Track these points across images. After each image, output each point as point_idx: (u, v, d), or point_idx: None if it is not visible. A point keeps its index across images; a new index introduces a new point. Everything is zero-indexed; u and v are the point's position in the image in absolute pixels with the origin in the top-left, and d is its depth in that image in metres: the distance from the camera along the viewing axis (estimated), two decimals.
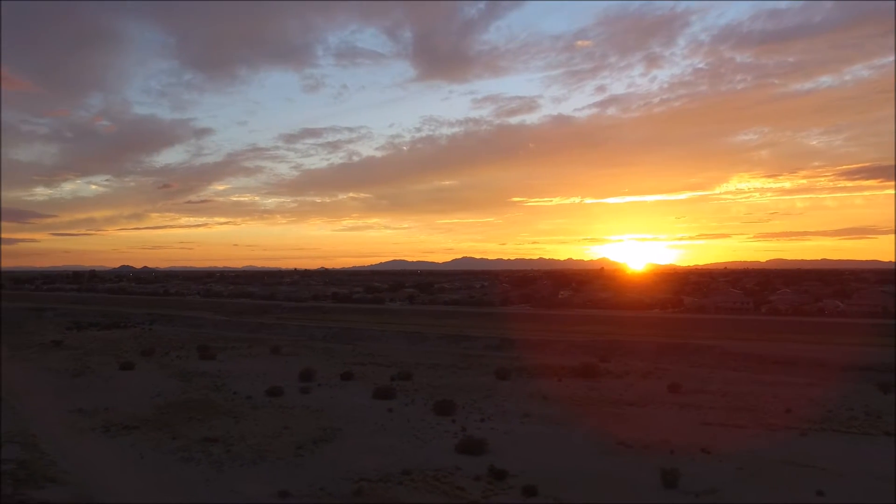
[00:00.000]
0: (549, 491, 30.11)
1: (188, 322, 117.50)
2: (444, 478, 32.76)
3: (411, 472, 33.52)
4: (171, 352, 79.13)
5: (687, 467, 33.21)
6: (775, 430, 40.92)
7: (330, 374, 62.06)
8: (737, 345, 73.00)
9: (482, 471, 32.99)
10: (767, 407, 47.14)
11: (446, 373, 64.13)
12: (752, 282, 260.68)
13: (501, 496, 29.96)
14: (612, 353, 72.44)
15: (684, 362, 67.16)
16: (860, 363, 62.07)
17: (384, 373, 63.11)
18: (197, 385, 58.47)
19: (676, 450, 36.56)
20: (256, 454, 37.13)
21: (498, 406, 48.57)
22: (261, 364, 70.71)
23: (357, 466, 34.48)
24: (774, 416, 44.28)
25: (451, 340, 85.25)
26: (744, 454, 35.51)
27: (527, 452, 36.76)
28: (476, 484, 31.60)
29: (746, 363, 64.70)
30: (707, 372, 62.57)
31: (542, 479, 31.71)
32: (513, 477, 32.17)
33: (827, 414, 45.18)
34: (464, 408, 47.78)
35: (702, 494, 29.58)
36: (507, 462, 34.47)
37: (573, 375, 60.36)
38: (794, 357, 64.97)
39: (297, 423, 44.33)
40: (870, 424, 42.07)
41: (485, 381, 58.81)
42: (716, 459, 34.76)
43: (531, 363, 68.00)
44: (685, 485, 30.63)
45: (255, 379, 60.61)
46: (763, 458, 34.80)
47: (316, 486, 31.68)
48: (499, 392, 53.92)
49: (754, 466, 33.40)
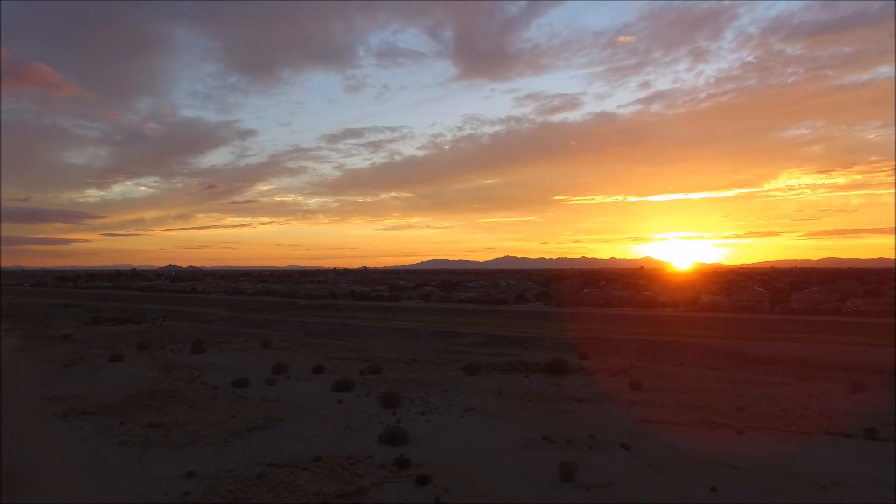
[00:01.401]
0: (443, 481, 30.25)
1: (198, 318, 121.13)
2: (351, 465, 33.30)
3: (322, 459, 34.14)
4: (167, 346, 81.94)
5: (594, 462, 32.92)
6: (714, 428, 39.94)
7: (303, 368, 63.26)
8: (725, 343, 71.06)
9: (390, 460, 33.50)
10: (721, 405, 45.93)
11: (420, 367, 64.59)
12: (789, 280, 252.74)
13: (394, 484, 30.29)
14: (594, 350, 71.58)
15: (664, 360, 65.88)
16: (844, 362, 59.81)
17: (358, 367, 63.92)
18: (173, 376, 60.52)
19: (597, 445, 36.16)
20: (189, 439, 38.47)
21: (448, 400, 48.76)
22: (246, 358, 72.58)
23: (276, 452, 35.33)
24: (722, 415, 43.13)
25: (441, 337, 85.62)
26: (664, 451, 34.83)
27: (447, 444, 36.93)
28: (377, 471, 32.00)
29: (726, 362, 63.03)
30: (682, 370, 61.27)
31: (446, 470, 31.94)
32: (417, 466, 32.45)
33: (779, 413, 43.88)
34: (413, 401, 48.17)
35: (593, 488, 29.23)
36: (422, 453, 34.84)
37: (543, 372, 59.96)
38: (778, 356, 62.97)
39: (245, 413, 45.55)
40: (814, 424, 40.66)
41: (452, 376, 59.01)
42: (631, 455, 34.22)
43: (508, 360, 67.81)
44: (582, 478, 30.31)
45: (231, 371, 62.23)
46: (681, 455, 34.04)
47: (225, 468, 32.69)
48: (459, 386, 54.04)
49: (666, 462, 32.74)
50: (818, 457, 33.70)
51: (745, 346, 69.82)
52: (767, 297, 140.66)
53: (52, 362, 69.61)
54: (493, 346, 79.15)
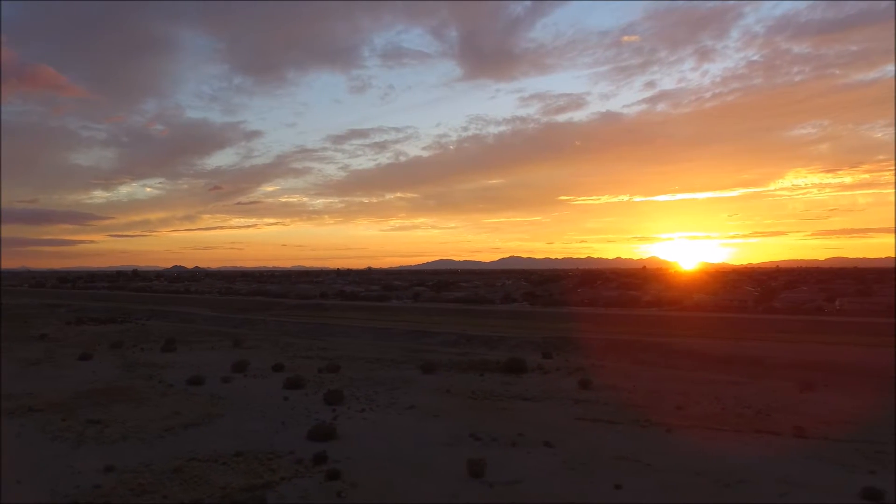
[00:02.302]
0: (353, 476, 30.40)
1: (182, 318, 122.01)
2: (269, 460, 33.57)
3: (243, 454, 34.44)
4: (140, 345, 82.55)
5: (510, 459, 33.10)
6: (645, 427, 39.93)
7: (264, 367, 63.65)
8: (691, 342, 71.03)
9: (311, 455, 33.78)
10: (663, 404, 45.96)
11: (380, 366, 64.85)
12: (786, 280, 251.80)
13: (304, 479, 30.53)
14: (560, 349, 71.68)
15: (626, 359, 65.85)
16: (802, 361, 59.67)
17: (320, 366, 64.28)
18: (134, 374, 61.03)
19: (521, 443, 36.26)
20: (123, 435, 38.83)
21: (394, 398, 48.99)
22: (214, 356, 73.05)
23: (202, 448, 35.64)
24: (659, 414, 43.13)
25: (413, 336, 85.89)
26: (586, 449, 34.86)
27: (373, 441, 37.14)
28: (292, 466, 32.29)
29: (686, 360, 62.97)
30: (640, 369, 61.23)
31: (361, 466, 32.19)
32: (334, 462, 32.65)
33: (718, 411, 43.88)
34: (358, 399, 48.46)
35: (497, 485, 29.35)
36: (345, 449, 35.10)
37: (500, 371, 60.10)
38: (738, 355, 62.87)
39: (189, 409, 45.93)
40: (748, 422, 40.64)
41: (409, 375, 59.24)
42: (550, 453, 34.26)
43: (471, 359, 67.97)
44: (491, 475, 30.44)
45: (194, 369, 62.62)
46: (601, 452, 34.11)
47: (146, 463, 33.03)
48: (411, 385, 54.24)
49: (583, 460, 32.77)
50: (735, 455, 33.67)
51: (710, 344, 69.77)
52: (754, 296, 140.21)
53: (21, 361, 70.24)
54: (462, 345, 79.38)
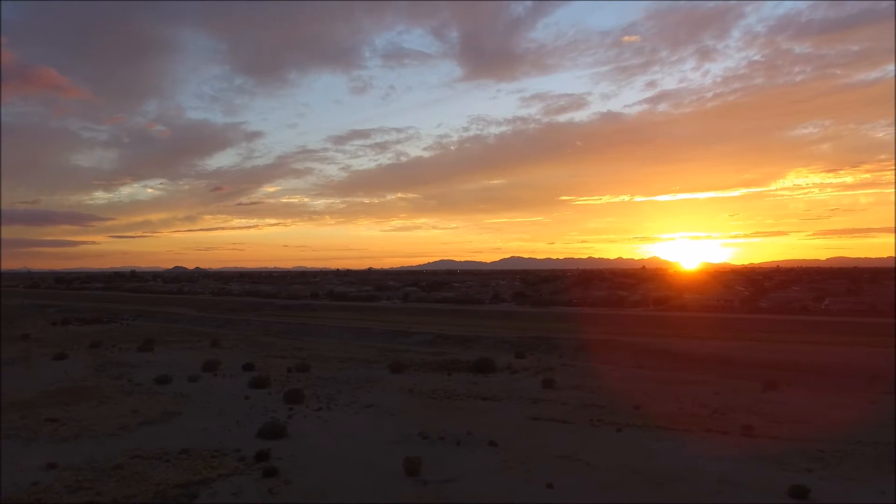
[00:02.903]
0: (291, 474, 30.47)
1: (168, 318, 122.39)
2: (213, 457, 33.71)
3: (190, 451, 34.58)
4: (118, 344, 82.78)
5: (452, 457, 33.11)
6: (598, 426, 39.97)
7: (235, 366, 63.87)
8: (664, 342, 71.00)
9: (255, 453, 33.91)
10: (621, 404, 45.93)
11: (351, 366, 64.98)
12: (780, 279, 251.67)
13: (241, 476, 30.57)
14: (533, 349, 71.77)
15: (596, 359, 65.89)
16: (770, 360, 59.74)
17: (291, 365, 64.40)
18: (104, 374, 61.23)
19: (467, 442, 36.17)
20: (75, 433, 38.95)
21: (355, 397, 49.09)
22: (189, 356, 73.19)
23: (151, 445, 35.76)
24: (615, 413, 43.13)
25: (390, 336, 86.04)
26: (530, 448, 34.86)
27: (322, 439, 37.23)
28: (234, 464, 32.35)
29: (655, 360, 63.00)
30: (609, 368, 61.25)
31: (302, 463, 32.27)
32: (276, 460, 32.80)
33: (674, 411, 43.88)
34: (318, 398, 48.60)
35: (431, 483, 29.38)
36: (292, 447, 35.27)
37: (468, 370, 60.20)
38: (708, 354, 62.91)
39: (149, 408, 46.11)
40: (701, 422, 40.64)
41: (377, 374, 59.34)
42: (493, 452, 34.22)
43: (443, 358, 68.06)
44: (429, 473, 30.53)
45: (165, 368, 62.83)
46: (545, 451, 34.09)
47: (90, 460, 33.13)
48: (376, 385, 54.32)
49: (524, 459, 32.74)
50: (678, 454, 33.67)
51: (684, 344, 69.78)
52: (744, 296, 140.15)
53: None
54: (438, 344, 79.49)
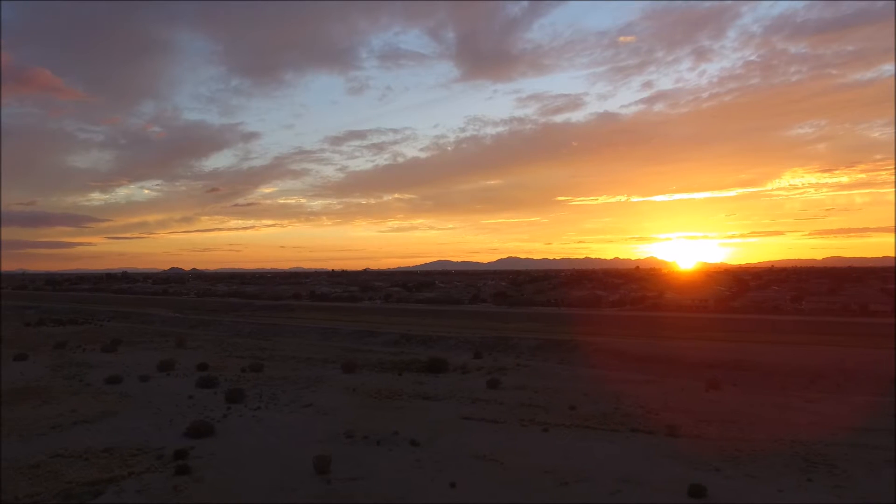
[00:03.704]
0: (204, 472, 30.78)
1: (142, 319, 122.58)
2: (133, 456, 33.97)
3: (112, 450, 34.90)
4: (84, 345, 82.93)
5: (368, 456, 33.39)
6: (526, 426, 40.22)
7: (191, 366, 64.07)
8: (622, 342, 71.38)
9: (174, 451, 34.19)
10: (559, 404, 46.23)
11: (307, 365, 65.26)
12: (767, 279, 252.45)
13: (154, 474, 30.84)
14: (493, 349, 72.10)
15: (552, 359, 66.26)
16: (721, 360, 60.20)
17: (248, 365, 64.64)
18: (59, 374, 61.38)
19: (389, 441, 36.36)
20: (6, 433, 39.16)
21: (297, 396, 49.34)
22: (151, 356, 73.20)
23: (76, 444, 36.01)
24: (550, 414, 43.37)
25: (357, 336, 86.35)
26: (450, 448, 35.05)
27: (248, 438, 37.48)
28: (152, 462, 32.66)
29: (609, 360, 63.36)
30: (561, 368, 61.60)
31: (219, 462, 32.55)
32: (196, 458, 33.14)
33: (609, 411, 44.13)
34: (260, 397, 48.91)
35: (336, 482, 29.57)
36: (216, 445, 35.57)
37: (420, 370, 60.52)
38: (661, 354, 63.23)
39: (89, 407, 46.30)
40: (632, 421, 40.81)
41: (329, 374, 59.62)
42: (411, 451, 34.45)
43: (401, 358, 68.34)
44: (339, 471, 30.80)
45: (121, 368, 63.05)
46: (464, 451, 34.19)
47: (10, 459, 33.35)
48: (323, 384, 54.55)
49: (438, 459, 32.94)
50: (594, 453, 33.87)
51: (640, 344, 70.16)
52: (721, 295, 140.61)
53: None
54: (401, 345, 79.78)
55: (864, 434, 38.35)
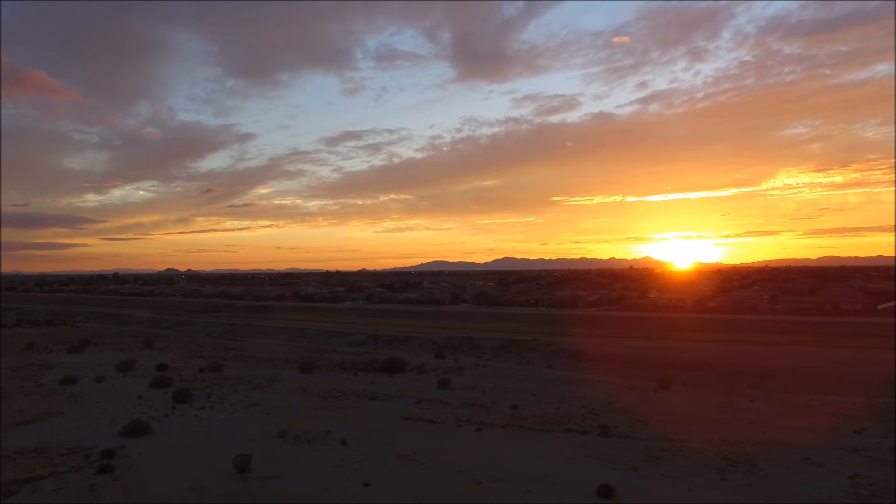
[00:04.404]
0: (125, 472, 30.94)
1: (120, 320, 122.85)
2: (61, 456, 34.09)
3: (43, 450, 35.04)
4: (52, 346, 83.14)
5: (293, 456, 33.59)
6: (462, 425, 40.56)
7: (150, 366, 64.24)
8: (584, 342, 71.71)
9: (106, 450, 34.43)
10: (502, 404, 46.53)
11: (268, 365, 65.51)
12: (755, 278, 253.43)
13: (76, 473, 31.06)
14: (456, 349, 72.43)
15: (511, 359, 66.60)
16: (677, 360, 60.61)
17: (206, 365, 64.83)
18: (17, 375, 61.59)
19: (320, 440, 36.63)
20: None
21: (246, 397, 49.58)
22: (115, 357, 73.33)
23: (10, 445, 36.00)
24: (490, 414, 43.70)
25: (325, 336, 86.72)
26: (378, 447, 35.35)
27: (183, 437, 37.69)
28: (77, 462, 32.75)
29: (566, 360, 63.76)
30: (517, 368, 61.94)
31: (146, 461, 32.73)
32: (124, 457, 33.36)
33: (550, 411, 44.45)
34: (208, 396, 49.18)
35: (253, 480, 29.69)
36: (148, 444, 35.83)
37: (377, 371, 60.79)
38: (617, 354, 63.64)
39: (36, 408, 46.46)
40: (569, 422, 41.15)
41: (285, 374, 59.86)
42: (338, 450, 34.61)
43: (362, 358, 68.67)
44: (259, 470, 31.03)
45: (81, 369, 63.32)
46: (390, 451, 34.35)
47: None
48: (276, 384, 54.75)
49: (363, 458, 33.12)
50: (516, 453, 34.07)
51: (602, 344, 70.51)
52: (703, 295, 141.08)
53: None
54: (368, 345, 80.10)
55: (791, 433, 38.75)
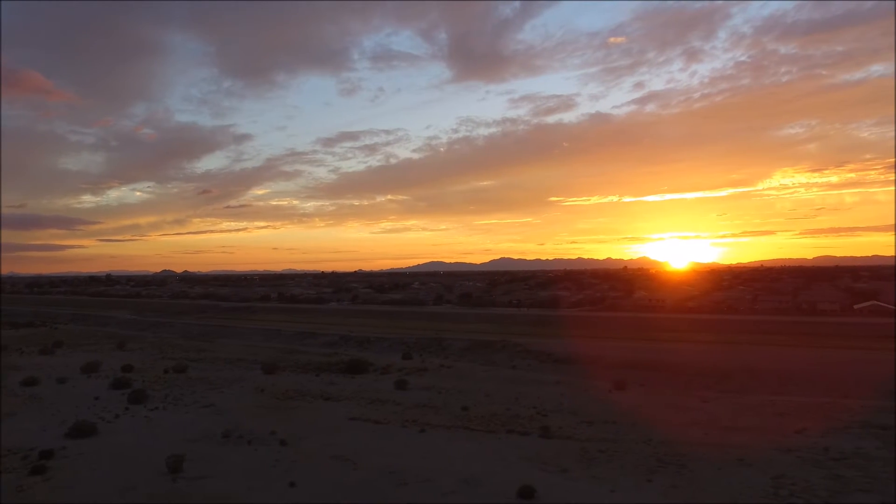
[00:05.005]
0: (58, 472, 31.19)
1: (100, 321, 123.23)
2: (3, 457, 34.41)
3: None
4: (25, 347, 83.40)
5: (230, 456, 33.83)
6: (406, 426, 40.82)
7: (116, 368, 64.53)
8: (550, 342, 72.19)
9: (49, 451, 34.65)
10: (453, 405, 46.81)
11: (235, 366, 65.77)
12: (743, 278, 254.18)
13: (10, 474, 31.15)
14: (425, 350, 72.82)
15: (477, 360, 66.98)
16: (638, 360, 60.99)
17: (172, 366, 65.07)
18: None
19: (260, 441, 36.78)
20: None
21: (203, 397, 49.80)
22: (86, 358, 73.57)
23: None
24: (439, 415, 43.99)
25: (298, 337, 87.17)
26: (318, 447, 35.57)
27: (127, 438, 37.80)
28: (14, 463, 32.84)
29: (531, 361, 64.17)
30: (480, 369, 62.22)
31: (85, 460, 32.99)
32: (62, 458, 33.63)
33: (502, 412, 44.73)
34: (165, 397, 49.46)
35: (181, 481, 29.87)
36: (90, 445, 36.04)
37: (340, 371, 61.09)
38: (580, 355, 64.08)
39: None
40: (514, 423, 41.37)
41: (248, 375, 60.04)
42: (275, 451, 34.77)
43: (330, 359, 68.97)
44: (192, 471, 31.22)
45: (45, 371, 63.47)
46: (326, 452, 34.52)
47: None
48: (235, 385, 54.89)
49: (296, 458, 33.42)
50: (452, 454, 34.31)
51: (568, 344, 70.91)
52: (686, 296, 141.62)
53: None
54: (338, 346, 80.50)
55: (734, 433, 39.08)
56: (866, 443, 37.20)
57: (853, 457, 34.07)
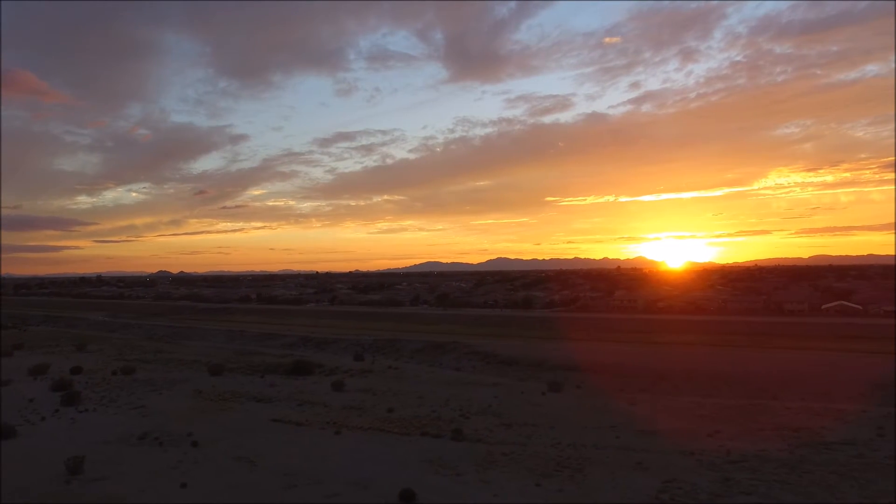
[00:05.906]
0: None
1: (71, 322, 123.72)
2: None
3: None
4: None
5: (135, 456, 34.27)
6: (325, 428, 41.23)
7: (66, 369, 64.89)
8: (499, 344, 72.71)
9: None
10: (379, 408, 47.08)
11: (185, 368, 66.17)
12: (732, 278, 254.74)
13: None
14: (379, 351, 73.23)
15: (425, 361, 67.43)
16: (583, 362, 61.43)
17: (122, 367, 65.45)
18: None
19: (174, 441, 37.20)
20: None
21: (138, 398, 50.15)
22: (41, 360, 73.89)
23: None
24: (363, 417, 44.44)
25: (260, 338, 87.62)
26: (227, 447, 35.95)
27: (45, 441, 38.11)
28: None
29: (477, 363, 64.61)
30: (425, 370, 62.68)
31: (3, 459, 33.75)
32: None
33: (426, 413, 45.22)
34: (100, 398, 49.89)
35: (78, 482, 30.41)
36: (6, 448, 36.62)
37: (285, 373, 61.50)
38: (527, 356, 64.51)
39: None
40: (430, 426, 41.82)
41: (194, 376, 60.35)
42: (183, 451, 35.25)
43: (282, 360, 69.28)
44: (92, 472, 31.46)
45: None
46: (235, 453, 34.92)
47: None
48: (179, 385, 55.36)
49: (201, 459, 33.69)
50: (351, 455, 34.72)
51: (515, 345, 71.41)
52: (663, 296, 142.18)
53: None
54: (297, 347, 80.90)
55: (646, 436, 39.49)
56: (771, 444, 37.70)
57: (751, 459, 34.57)
